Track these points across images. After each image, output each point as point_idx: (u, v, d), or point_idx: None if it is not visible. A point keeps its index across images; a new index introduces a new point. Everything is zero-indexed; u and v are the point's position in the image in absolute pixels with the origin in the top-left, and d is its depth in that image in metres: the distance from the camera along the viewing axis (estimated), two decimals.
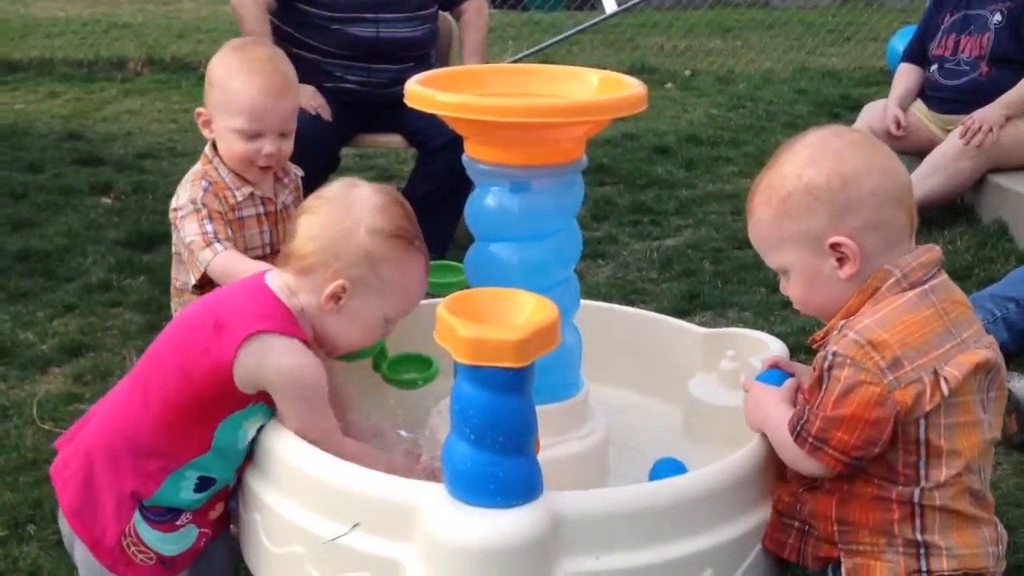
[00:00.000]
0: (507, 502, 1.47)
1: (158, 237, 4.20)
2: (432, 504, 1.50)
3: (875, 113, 4.62)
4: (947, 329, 1.55)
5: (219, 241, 2.18)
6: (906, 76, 4.66)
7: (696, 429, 2.04)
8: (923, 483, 1.54)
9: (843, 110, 6.24)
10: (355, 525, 1.56)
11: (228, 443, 1.72)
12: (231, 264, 2.14)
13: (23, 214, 4.43)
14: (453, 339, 1.44)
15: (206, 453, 1.71)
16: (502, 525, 1.46)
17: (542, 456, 1.54)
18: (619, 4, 8.23)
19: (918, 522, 1.54)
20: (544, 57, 7.45)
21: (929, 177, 4.31)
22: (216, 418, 1.70)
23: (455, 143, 1.83)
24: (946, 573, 1.53)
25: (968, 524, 1.55)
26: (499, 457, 1.46)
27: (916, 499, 1.54)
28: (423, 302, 2.08)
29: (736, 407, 1.82)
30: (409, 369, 2.09)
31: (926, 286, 1.57)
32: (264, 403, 1.72)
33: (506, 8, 10.00)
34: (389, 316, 1.79)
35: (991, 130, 4.23)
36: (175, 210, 2.26)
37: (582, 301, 1.97)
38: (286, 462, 1.68)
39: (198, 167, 2.31)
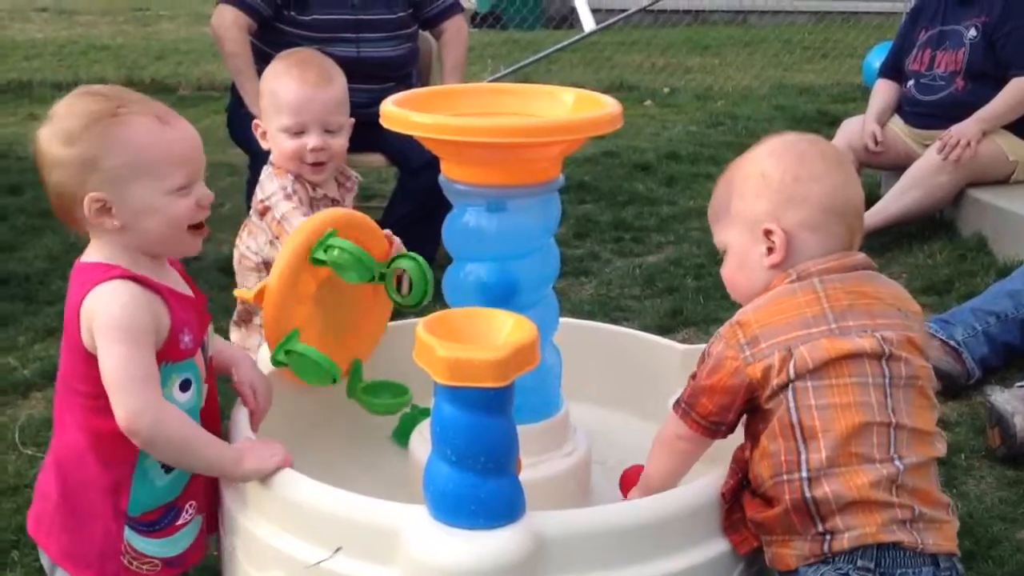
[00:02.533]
0: (489, 523, 1.47)
1: None
2: (414, 527, 1.49)
3: (853, 129, 4.65)
4: (821, 315, 1.62)
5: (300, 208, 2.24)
6: (883, 92, 4.68)
7: None
8: (805, 471, 1.56)
9: (821, 126, 6.27)
10: (337, 549, 1.55)
11: None
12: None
13: (2, 237, 4.40)
14: (432, 360, 1.43)
15: None
16: (485, 547, 1.45)
17: (523, 476, 1.53)
18: (597, 23, 8.28)
19: (814, 513, 1.56)
20: (523, 76, 7.47)
21: (908, 192, 4.34)
22: None
23: (435, 163, 1.84)
24: (847, 548, 1.55)
25: (874, 507, 1.56)
26: (480, 478, 1.45)
27: (807, 492, 1.56)
28: (397, 327, 2.08)
29: None
30: (384, 395, 2.08)
31: (816, 279, 1.65)
32: (167, 361, 1.65)
33: (485, 27, 10.04)
34: (168, 187, 1.63)
35: (969, 144, 4.26)
36: (263, 200, 2.29)
37: (561, 319, 1.97)
38: (266, 486, 1.67)
39: (270, 167, 2.35)
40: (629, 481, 1.88)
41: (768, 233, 1.68)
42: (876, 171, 4.88)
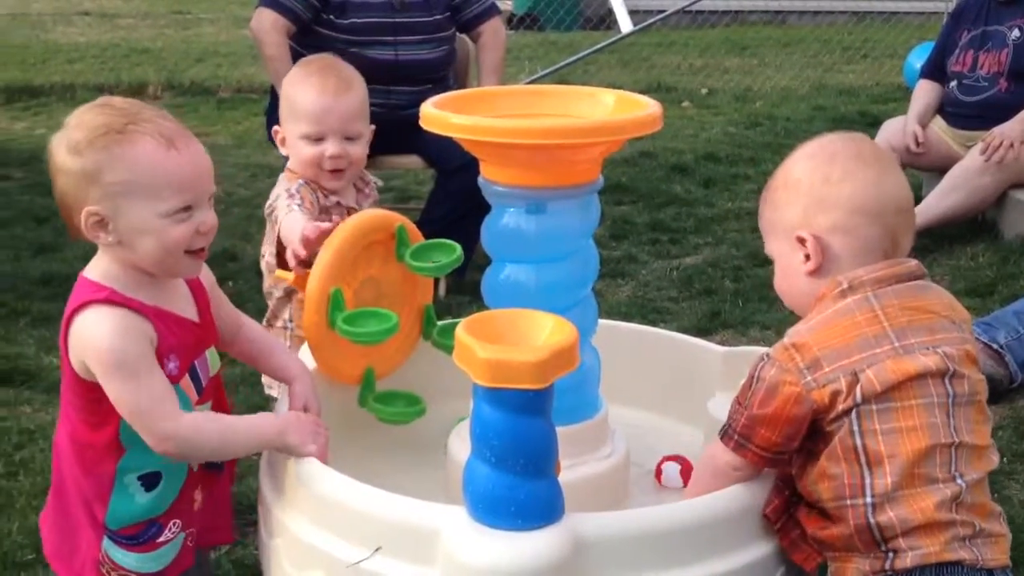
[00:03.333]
0: (528, 525, 1.47)
1: None
2: (454, 527, 1.50)
3: (894, 130, 4.61)
4: (883, 334, 1.58)
5: (299, 207, 2.23)
6: (925, 93, 4.64)
7: None
8: (870, 496, 1.54)
9: (861, 127, 6.22)
10: (377, 549, 1.56)
11: (135, 435, 1.64)
12: (294, 221, 2.17)
13: (45, 238, 4.46)
14: (472, 361, 1.43)
15: (125, 453, 1.65)
16: (524, 548, 1.45)
17: (562, 478, 1.53)
18: (635, 24, 8.25)
19: (878, 537, 1.55)
20: (560, 77, 7.47)
21: (950, 193, 4.30)
22: (109, 421, 1.64)
23: (473, 164, 1.84)
24: (909, 566, 1.53)
25: (936, 527, 1.54)
26: (520, 479, 1.45)
27: (871, 518, 1.55)
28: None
29: None
30: (396, 404, 2.07)
31: (870, 292, 1.60)
32: None
33: (523, 29, 10.04)
34: (167, 209, 1.60)
35: (1012, 146, 4.21)
36: (270, 204, 2.31)
37: (600, 320, 1.97)
38: (307, 486, 1.68)
39: (286, 173, 2.37)
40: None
41: (801, 241, 1.64)
42: (918, 173, 4.84)
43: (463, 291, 3.79)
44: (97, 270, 1.65)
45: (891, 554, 1.54)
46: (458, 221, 3.60)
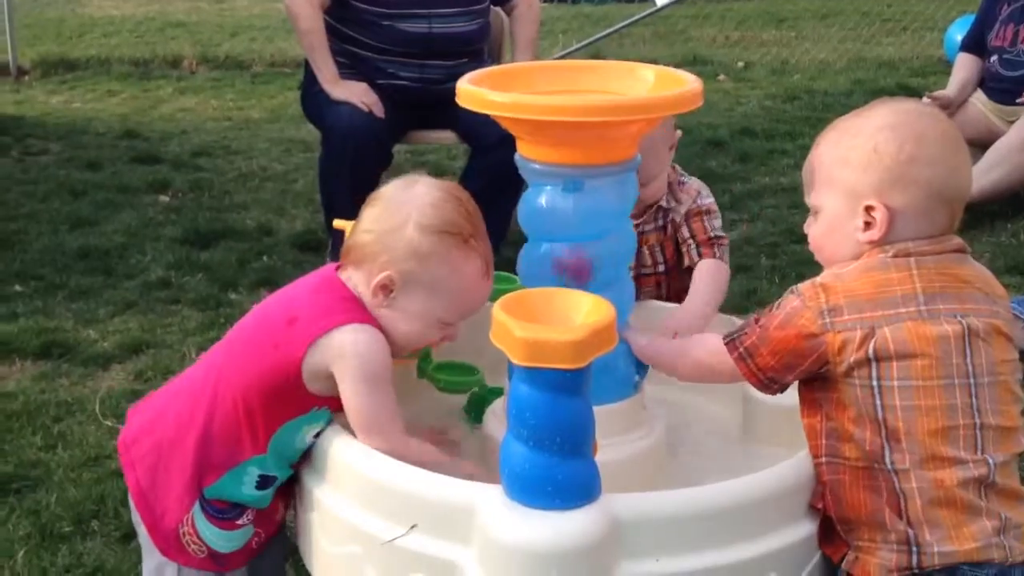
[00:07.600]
0: (565, 504, 1.46)
1: (215, 234, 4.25)
2: (490, 506, 1.50)
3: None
4: (911, 295, 1.57)
5: None
6: (964, 66, 4.58)
7: (754, 430, 2.02)
8: (890, 463, 1.54)
9: None
10: (413, 526, 1.56)
11: (286, 445, 1.74)
12: None
13: (82, 212, 4.50)
14: (509, 340, 1.43)
15: (264, 453, 1.73)
16: (560, 527, 1.45)
17: (599, 458, 1.52)
18: None
19: (903, 508, 1.54)
20: (595, 51, 7.42)
21: (992, 169, 4.24)
22: (279, 420, 1.71)
23: (508, 140, 1.83)
24: (937, 565, 1.52)
25: (965, 516, 1.53)
26: (557, 459, 1.45)
27: (897, 485, 1.54)
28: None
29: (794, 407, 1.80)
30: (454, 374, 2.08)
31: (912, 257, 1.60)
32: (328, 408, 1.73)
33: (556, 2, 9.97)
34: (444, 317, 1.76)
35: None
36: None
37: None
38: (344, 462, 1.68)
39: None
40: None
41: (869, 209, 1.62)
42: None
43: (496, 269, 3.78)
44: (359, 290, 1.75)
45: (916, 549, 1.53)
46: (492, 197, 3.58)
